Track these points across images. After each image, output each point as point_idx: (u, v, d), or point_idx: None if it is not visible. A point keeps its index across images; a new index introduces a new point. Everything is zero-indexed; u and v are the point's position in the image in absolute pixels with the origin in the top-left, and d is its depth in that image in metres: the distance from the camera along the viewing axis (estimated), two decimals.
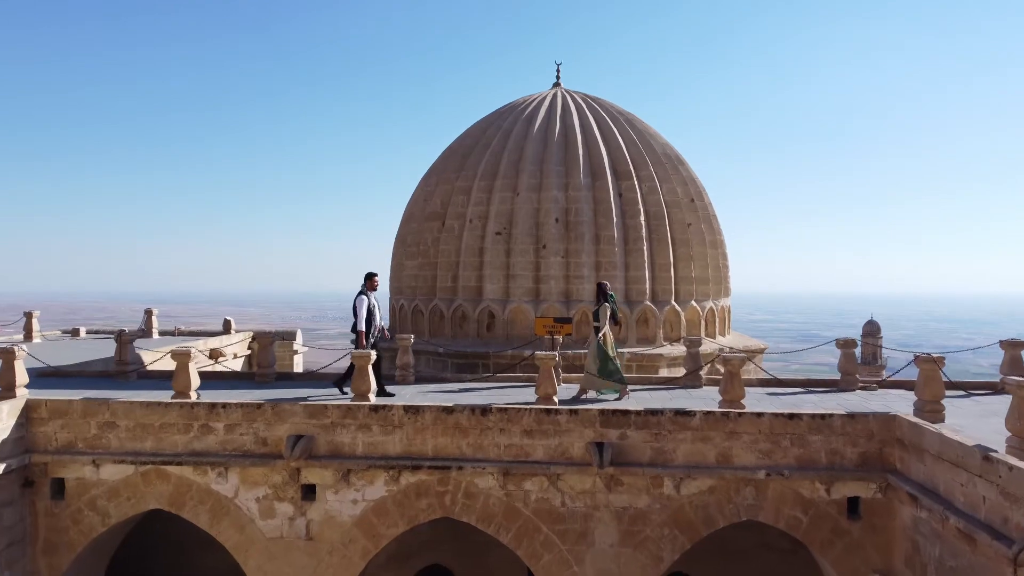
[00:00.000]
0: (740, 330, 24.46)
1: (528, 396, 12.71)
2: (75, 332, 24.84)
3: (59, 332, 25.25)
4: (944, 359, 11.37)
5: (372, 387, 12.01)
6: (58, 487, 11.56)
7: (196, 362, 12.89)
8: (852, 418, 10.88)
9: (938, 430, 9.63)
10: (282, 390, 13.89)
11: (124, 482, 11.49)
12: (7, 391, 11.53)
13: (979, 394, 14.14)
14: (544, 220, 20.26)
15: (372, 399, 11.91)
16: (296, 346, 25.06)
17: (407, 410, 11.35)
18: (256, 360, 15.81)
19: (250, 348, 23.73)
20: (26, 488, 11.40)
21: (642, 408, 11.23)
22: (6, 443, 10.98)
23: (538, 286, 20.09)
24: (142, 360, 16.54)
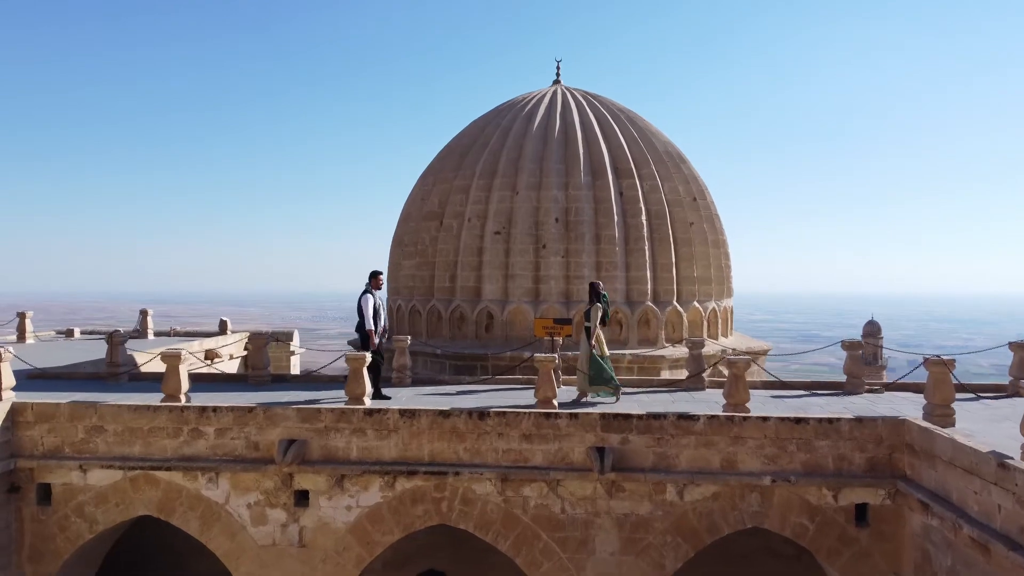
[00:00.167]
0: (740, 330, 24.17)
1: (527, 399, 12.44)
2: (69, 333, 24.54)
3: (53, 333, 24.96)
4: (955, 361, 11.14)
5: (367, 390, 11.78)
6: (44, 493, 11.30)
7: (189, 364, 12.61)
8: (860, 422, 10.59)
9: (950, 435, 9.36)
10: (276, 393, 13.62)
11: (112, 488, 11.23)
12: None
13: (988, 397, 13.88)
14: (544, 219, 19.94)
15: (367, 402, 11.65)
16: (293, 347, 24.76)
17: (403, 414, 11.07)
18: (250, 362, 15.52)
19: (246, 349, 23.40)
20: (11, 494, 11.16)
21: (644, 412, 10.94)
22: None
23: (538, 286, 19.77)
24: (134, 362, 16.22)
